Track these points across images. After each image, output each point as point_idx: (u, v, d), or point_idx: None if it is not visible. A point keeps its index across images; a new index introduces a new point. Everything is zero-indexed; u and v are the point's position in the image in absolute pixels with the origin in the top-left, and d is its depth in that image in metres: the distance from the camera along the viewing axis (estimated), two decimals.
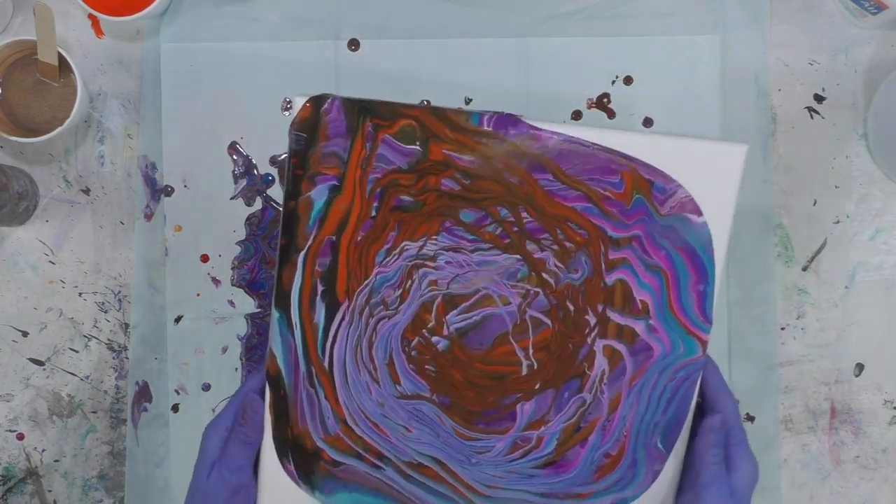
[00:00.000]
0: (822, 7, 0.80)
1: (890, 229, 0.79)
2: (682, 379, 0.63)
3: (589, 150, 0.61)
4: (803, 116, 0.80)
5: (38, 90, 0.78)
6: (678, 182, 0.62)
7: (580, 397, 0.63)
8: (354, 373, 0.63)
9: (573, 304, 0.63)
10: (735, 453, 0.61)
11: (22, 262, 0.81)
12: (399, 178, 0.61)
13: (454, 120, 0.61)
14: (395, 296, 0.63)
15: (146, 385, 0.80)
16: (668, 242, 0.62)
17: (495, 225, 0.62)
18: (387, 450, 0.64)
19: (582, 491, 0.64)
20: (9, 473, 0.81)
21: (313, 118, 0.61)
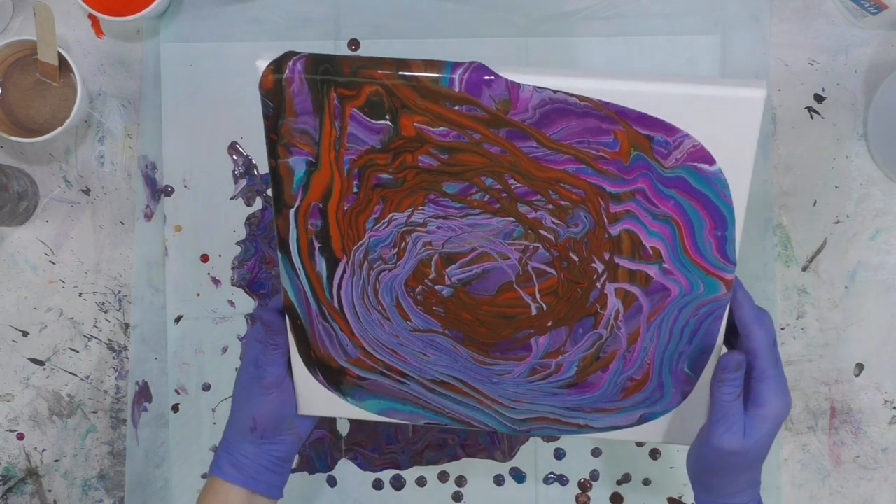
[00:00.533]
0: (822, 7, 0.80)
1: (890, 229, 0.79)
2: (705, 314, 0.61)
3: (575, 110, 0.56)
4: (803, 116, 0.80)
5: (38, 90, 0.78)
6: (684, 131, 0.56)
7: (596, 333, 0.62)
8: (365, 312, 0.63)
9: (577, 254, 0.61)
10: (763, 388, 0.59)
11: (22, 262, 0.81)
12: (375, 158, 0.58)
13: (424, 83, 0.55)
14: (391, 253, 0.61)
15: (146, 385, 0.80)
16: (677, 192, 0.58)
17: (482, 193, 0.59)
18: (408, 370, 0.64)
19: (608, 406, 0.64)
20: (9, 473, 0.81)
21: (276, 88, 0.57)
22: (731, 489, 0.60)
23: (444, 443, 0.80)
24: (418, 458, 0.80)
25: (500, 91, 0.56)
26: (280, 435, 0.66)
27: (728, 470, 0.60)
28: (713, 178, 0.57)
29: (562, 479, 0.80)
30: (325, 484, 0.80)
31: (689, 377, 0.63)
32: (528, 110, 0.56)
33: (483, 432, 0.80)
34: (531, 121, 0.56)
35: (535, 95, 0.55)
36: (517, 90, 0.55)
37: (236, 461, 0.65)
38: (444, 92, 0.55)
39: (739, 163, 0.56)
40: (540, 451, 0.80)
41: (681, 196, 0.58)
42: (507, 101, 0.56)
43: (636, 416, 0.64)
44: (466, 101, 0.56)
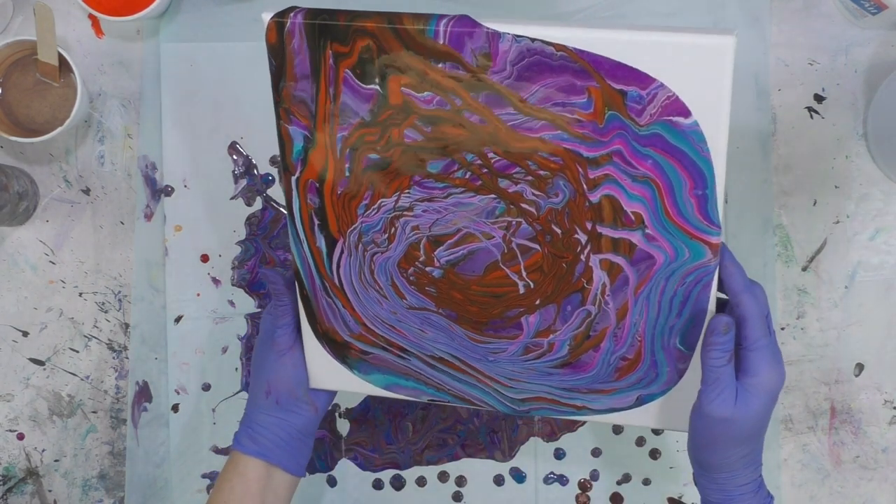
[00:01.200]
0: (822, 7, 0.80)
1: (890, 229, 0.79)
2: (692, 283, 0.60)
3: (551, 61, 0.56)
4: (803, 116, 0.80)
5: (38, 90, 0.78)
6: (659, 81, 0.56)
7: (584, 310, 0.62)
8: (363, 290, 0.65)
9: (559, 226, 0.61)
10: (754, 358, 0.58)
11: (22, 262, 0.81)
12: (364, 134, 0.61)
13: (411, 34, 0.57)
14: (382, 238, 0.63)
15: (146, 385, 0.80)
16: (654, 150, 0.58)
17: (464, 170, 0.60)
18: (407, 345, 0.66)
19: (604, 388, 0.64)
20: (9, 473, 0.81)
21: (279, 44, 0.60)
22: (729, 466, 0.59)
23: (444, 443, 0.80)
24: (418, 458, 0.80)
25: (481, 43, 0.57)
26: (295, 403, 0.67)
27: (722, 442, 0.58)
28: (689, 131, 0.57)
29: (562, 479, 0.80)
30: (325, 484, 0.80)
31: (683, 353, 0.62)
32: (506, 67, 0.57)
33: (483, 432, 0.80)
34: (508, 81, 0.57)
35: (513, 47, 0.56)
36: (496, 41, 0.57)
37: (253, 433, 0.66)
38: (430, 44, 0.57)
39: (715, 115, 0.56)
40: (540, 451, 0.80)
41: (658, 154, 0.58)
42: (487, 55, 0.57)
43: (633, 398, 0.64)
44: (449, 56, 0.58)
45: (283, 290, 0.66)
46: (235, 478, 0.66)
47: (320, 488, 0.80)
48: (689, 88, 0.55)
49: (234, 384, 0.80)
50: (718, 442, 0.58)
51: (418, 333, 0.66)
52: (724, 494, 0.60)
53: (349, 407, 0.80)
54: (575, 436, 0.80)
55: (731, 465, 0.59)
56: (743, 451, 0.59)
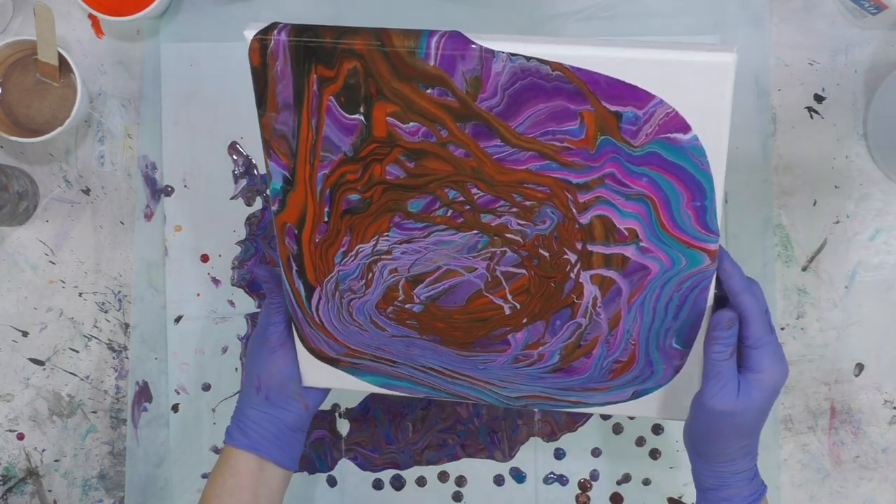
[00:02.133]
0: (822, 7, 0.80)
1: (890, 229, 0.79)
2: (689, 288, 0.60)
3: (545, 83, 0.54)
4: (803, 116, 0.80)
5: (38, 90, 0.78)
6: (658, 98, 0.54)
7: (574, 322, 0.62)
8: (343, 327, 0.65)
9: (547, 250, 0.60)
10: (757, 354, 0.58)
11: (22, 262, 0.81)
12: (346, 172, 0.59)
13: (400, 55, 0.55)
14: (359, 284, 0.63)
15: (146, 385, 0.80)
16: (649, 168, 0.57)
17: (445, 208, 0.59)
18: (396, 359, 0.66)
19: (598, 387, 0.64)
20: (9, 473, 0.81)
21: (261, 67, 0.57)
22: (727, 455, 0.60)
23: (444, 443, 0.80)
24: (418, 458, 0.80)
25: (473, 64, 0.55)
26: (286, 399, 0.67)
27: (722, 434, 0.59)
28: (688, 146, 0.56)
29: (562, 479, 0.80)
30: (325, 484, 0.80)
31: (679, 352, 0.62)
32: (497, 93, 0.55)
33: (483, 432, 0.80)
34: (498, 109, 0.56)
35: (507, 68, 0.54)
36: (490, 62, 0.54)
37: (245, 427, 0.66)
38: (420, 66, 0.55)
39: (715, 130, 0.55)
40: (540, 451, 0.80)
41: (654, 172, 0.57)
42: (478, 80, 0.55)
43: (629, 393, 0.64)
44: (439, 81, 0.55)
45: (275, 289, 0.66)
46: (227, 471, 0.66)
47: (320, 488, 0.80)
48: (689, 104, 0.55)
49: (234, 384, 0.80)
50: (719, 434, 0.59)
51: (405, 352, 0.66)
52: (719, 481, 0.61)
53: (349, 407, 0.80)
54: (575, 436, 0.80)
55: (730, 455, 0.60)
56: (742, 443, 0.60)
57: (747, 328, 0.59)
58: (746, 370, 0.59)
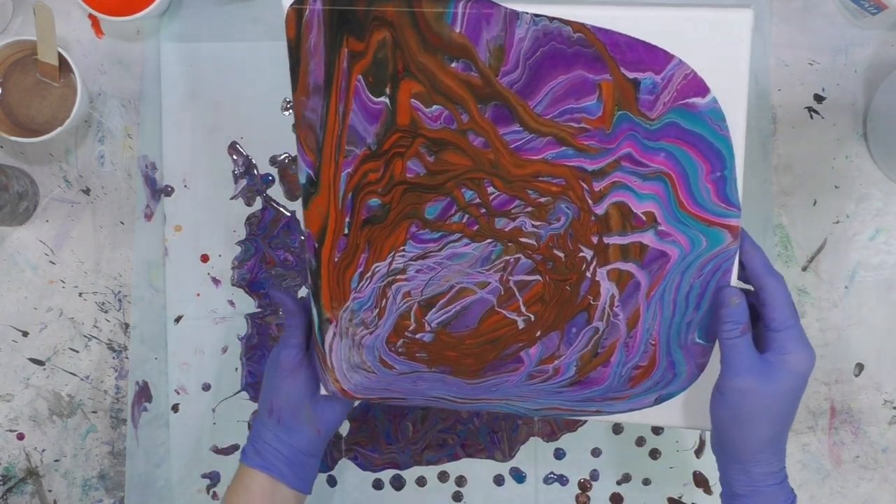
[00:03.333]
0: (822, 7, 0.80)
1: (890, 229, 0.79)
2: (711, 272, 0.58)
3: (566, 48, 0.55)
4: (803, 116, 0.80)
5: (38, 90, 0.78)
6: (677, 59, 0.55)
7: (591, 328, 0.61)
8: (352, 372, 0.65)
9: (562, 250, 0.60)
10: (782, 337, 0.56)
11: (22, 262, 0.81)
12: (368, 171, 0.60)
13: (428, 20, 0.56)
14: (372, 315, 0.63)
15: (146, 385, 0.80)
16: (667, 141, 0.57)
17: (461, 213, 0.60)
18: (405, 395, 0.66)
19: (619, 395, 0.62)
20: (9, 473, 0.81)
21: (296, 38, 0.58)
22: (756, 450, 0.57)
23: (444, 443, 0.80)
24: (418, 458, 0.80)
25: (498, 29, 0.56)
26: (298, 424, 0.66)
27: (747, 418, 0.56)
28: (707, 111, 0.56)
29: (562, 479, 0.80)
30: (325, 484, 0.80)
31: (703, 347, 0.60)
32: (519, 65, 0.56)
33: (483, 432, 0.80)
34: (518, 85, 0.57)
35: (529, 32, 0.55)
36: (513, 25, 0.55)
37: (258, 447, 0.67)
38: (446, 34, 0.56)
39: (734, 92, 0.55)
40: (540, 451, 0.80)
41: (671, 144, 0.57)
42: (501, 50, 0.56)
43: (652, 399, 0.62)
44: (463, 51, 0.56)
45: (292, 311, 0.66)
46: (241, 489, 0.66)
47: (320, 488, 0.80)
48: (708, 65, 0.54)
49: (234, 384, 0.80)
50: (744, 420, 0.57)
51: (412, 388, 0.65)
52: (751, 486, 0.58)
53: None
54: (575, 436, 0.80)
55: (758, 449, 0.57)
56: (769, 433, 0.57)
57: (773, 311, 0.57)
58: (771, 352, 0.56)
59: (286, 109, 0.80)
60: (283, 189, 0.80)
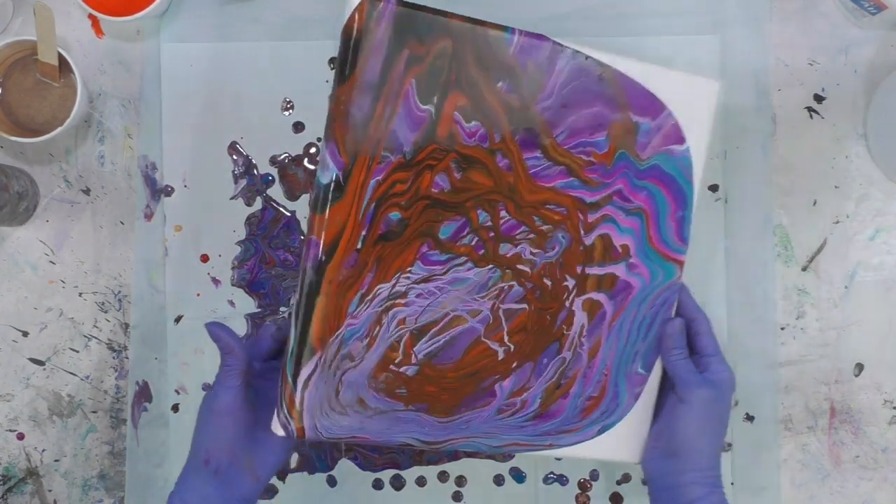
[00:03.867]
0: (822, 7, 0.80)
1: (890, 229, 0.79)
2: (660, 304, 0.67)
3: (593, 87, 0.64)
4: (803, 116, 0.80)
5: (38, 90, 0.78)
6: (668, 109, 0.66)
7: (559, 358, 0.66)
8: (324, 411, 0.63)
9: (550, 278, 0.65)
10: (713, 361, 0.66)
11: (22, 262, 0.81)
12: (397, 181, 0.61)
13: (489, 38, 0.62)
14: (361, 346, 0.62)
15: (146, 385, 0.80)
16: (650, 181, 0.66)
17: (471, 235, 0.63)
18: (373, 438, 0.64)
19: (571, 427, 0.66)
20: (9, 473, 0.81)
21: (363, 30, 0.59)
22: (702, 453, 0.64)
23: None
24: (418, 458, 0.80)
25: (543, 57, 0.63)
26: (236, 471, 0.62)
27: (703, 423, 0.64)
28: (681, 157, 0.66)
29: (562, 479, 0.80)
30: (325, 484, 0.80)
31: (642, 377, 0.67)
32: (554, 93, 0.63)
33: None
34: (550, 113, 0.63)
35: (567, 65, 0.63)
36: (557, 56, 0.63)
37: (188, 500, 0.61)
38: (501, 53, 0.62)
39: (700, 145, 0.67)
40: None
41: (652, 184, 0.66)
42: (542, 77, 0.63)
43: (595, 430, 0.67)
44: (510, 73, 0.62)
45: (230, 349, 0.62)
46: None
47: (320, 488, 0.80)
48: (686, 118, 0.66)
49: None
50: (701, 425, 0.65)
51: (383, 431, 0.64)
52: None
53: None
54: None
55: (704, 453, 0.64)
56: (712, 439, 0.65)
57: (704, 339, 0.67)
58: (708, 372, 0.66)
59: (286, 109, 0.80)
60: (283, 189, 0.80)
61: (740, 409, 0.79)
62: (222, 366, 0.62)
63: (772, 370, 0.79)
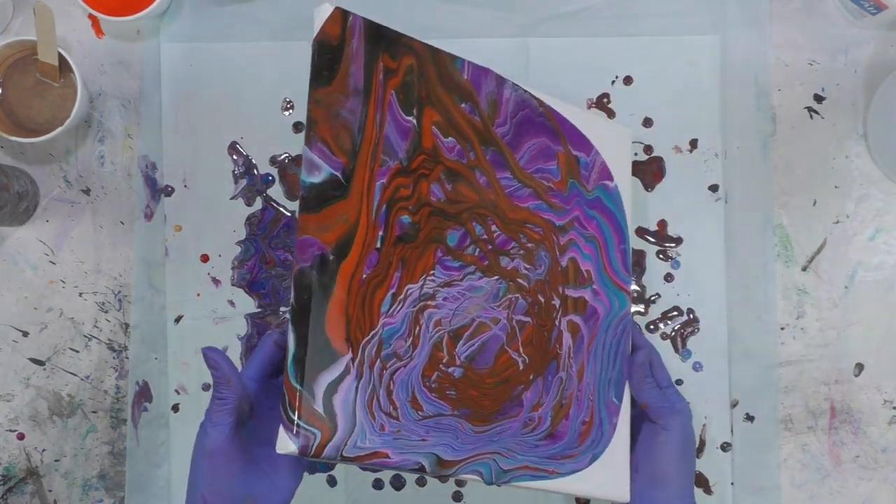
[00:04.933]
0: (822, 7, 0.80)
1: (890, 229, 0.79)
2: (619, 332, 0.69)
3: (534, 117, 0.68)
4: (803, 116, 0.80)
5: (38, 90, 0.78)
6: (596, 149, 0.71)
7: (559, 377, 0.66)
8: (368, 421, 0.57)
9: (543, 295, 0.67)
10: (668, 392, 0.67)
11: (22, 262, 0.81)
12: (400, 185, 0.61)
13: (444, 60, 0.64)
14: (406, 345, 0.60)
15: (146, 385, 0.80)
16: (597, 213, 0.70)
17: (473, 245, 0.64)
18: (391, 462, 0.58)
19: (572, 452, 0.66)
20: (9, 473, 0.81)
21: (339, 39, 0.59)
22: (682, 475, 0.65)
23: None
24: None
25: (492, 86, 0.66)
26: None
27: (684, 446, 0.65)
28: (614, 193, 0.72)
29: None
30: (325, 484, 0.80)
31: (616, 406, 0.68)
32: (507, 122, 0.67)
33: None
34: (508, 138, 0.66)
35: (513, 96, 0.67)
36: (502, 86, 0.67)
37: None
38: (457, 76, 0.65)
39: (625, 186, 0.72)
40: None
41: (600, 216, 0.70)
42: (496, 103, 0.66)
43: (588, 458, 0.67)
44: (469, 96, 0.65)
45: (226, 378, 0.55)
46: None
47: (320, 488, 0.80)
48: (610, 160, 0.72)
49: None
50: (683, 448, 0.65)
51: (415, 444, 0.59)
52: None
53: None
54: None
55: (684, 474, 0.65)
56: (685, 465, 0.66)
57: (660, 371, 0.68)
58: (672, 402, 0.67)
59: (286, 109, 0.80)
60: (283, 189, 0.80)
61: (740, 409, 0.79)
62: (214, 398, 0.56)
63: (772, 370, 0.79)
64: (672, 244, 0.79)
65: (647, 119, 0.80)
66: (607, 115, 0.80)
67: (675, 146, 0.80)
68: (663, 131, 0.80)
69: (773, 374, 0.79)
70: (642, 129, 0.80)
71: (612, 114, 0.80)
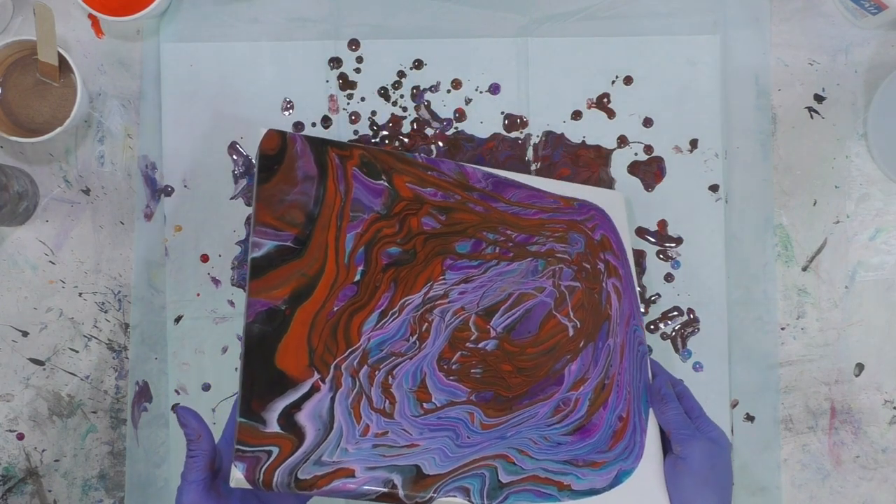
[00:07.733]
0: (822, 7, 0.80)
1: (890, 229, 0.79)
2: (632, 332, 0.69)
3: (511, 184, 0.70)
4: (803, 116, 0.80)
5: (38, 90, 0.78)
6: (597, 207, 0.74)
7: (608, 344, 0.67)
8: (351, 423, 0.58)
9: (588, 262, 0.70)
10: (699, 422, 0.64)
11: (22, 262, 0.81)
12: (382, 227, 0.62)
13: (394, 154, 0.67)
14: (409, 343, 0.61)
15: (146, 385, 0.80)
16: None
17: (492, 247, 0.65)
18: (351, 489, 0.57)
19: (599, 459, 0.63)
20: (9, 473, 0.81)
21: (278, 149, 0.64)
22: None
23: None
24: None
25: (452, 168, 0.68)
26: None
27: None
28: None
29: None
30: None
31: (644, 421, 0.66)
32: (481, 181, 0.69)
33: None
34: (489, 188, 0.69)
35: (478, 171, 0.69)
36: (463, 167, 0.69)
37: None
38: (412, 161, 0.67)
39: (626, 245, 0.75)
40: None
41: None
42: (462, 174, 0.68)
43: (613, 474, 0.63)
44: (432, 169, 0.67)
45: (194, 434, 0.57)
46: None
47: None
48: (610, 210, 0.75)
49: (234, 384, 0.80)
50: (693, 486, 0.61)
51: (397, 452, 0.58)
52: None
53: None
54: None
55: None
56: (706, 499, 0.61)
57: (689, 401, 0.66)
58: (702, 431, 0.64)
59: (286, 109, 0.80)
60: None
61: (740, 410, 0.79)
62: (187, 456, 0.56)
63: (772, 370, 0.79)
64: (672, 244, 0.79)
65: (647, 119, 0.80)
66: (607, 115, 0.80)
67: (675, 146, 0.80)
68: (663, 131, 0.80)
69: (774, 374, 0.79)
70: (642, 129, 0.80)
71: (613, 114, 0.80)
